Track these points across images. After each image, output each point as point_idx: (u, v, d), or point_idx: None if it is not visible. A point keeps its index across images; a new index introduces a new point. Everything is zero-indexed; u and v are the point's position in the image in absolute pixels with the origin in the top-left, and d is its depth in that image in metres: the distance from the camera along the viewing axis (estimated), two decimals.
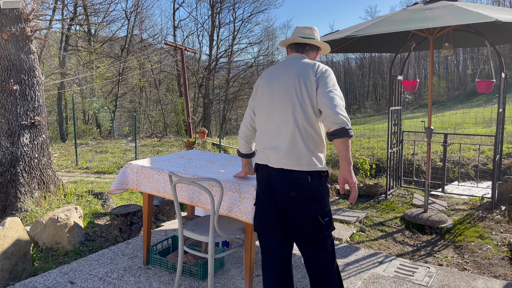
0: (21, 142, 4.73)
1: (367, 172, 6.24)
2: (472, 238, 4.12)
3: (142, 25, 26.74)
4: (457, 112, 20.01)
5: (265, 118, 2.18)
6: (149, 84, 27.31)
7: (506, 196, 5.01)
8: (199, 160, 3.36)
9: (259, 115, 2.23)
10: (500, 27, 4.64)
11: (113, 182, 3.23)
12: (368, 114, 37.47)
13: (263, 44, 29.53)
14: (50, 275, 3.10)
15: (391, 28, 3.85)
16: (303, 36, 2.26)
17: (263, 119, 2.20)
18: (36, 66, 4.96)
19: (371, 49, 6.14)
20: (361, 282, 3.06)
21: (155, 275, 3.11)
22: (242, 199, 2.59)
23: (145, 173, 3.12)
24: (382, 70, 46.26)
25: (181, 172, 2.92)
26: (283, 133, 2.10)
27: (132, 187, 3.20)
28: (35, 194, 4.77)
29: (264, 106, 2.20)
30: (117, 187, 3.19)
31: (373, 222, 4.71)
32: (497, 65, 5.70)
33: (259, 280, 3.05)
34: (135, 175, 3.19)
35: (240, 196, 2.60)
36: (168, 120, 27.08)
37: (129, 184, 3.21)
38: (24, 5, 4.78)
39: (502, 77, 4.71)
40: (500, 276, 3.34)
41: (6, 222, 3.15)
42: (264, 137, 2.19)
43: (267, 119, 2.17)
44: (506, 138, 8.74)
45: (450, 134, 5.97)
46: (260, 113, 2.22)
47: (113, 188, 3.20)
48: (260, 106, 2.22)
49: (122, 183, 3.20)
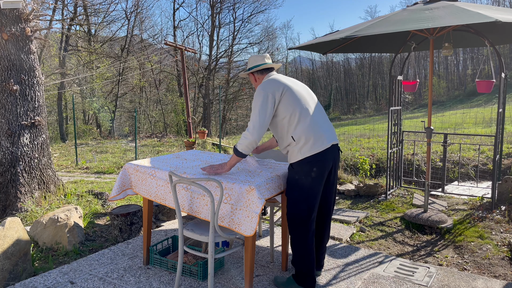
0: (21, 142, 4.73)
1: (367, 172, 6.24)
2: (472, 238, 4.12)
3: (142, 25, 26.78)
4: (457, 112, 20.01)
5: (310, 109, 2.75)
6: (149, 84, 27.32)
7: (506, 196, 5.01)
8: (193, 161, 3.35)
9: (302, 108, 2.72)
10: (500, 27, 4.64)
11: (113, 188, 3.21)
12: (368, 114, 37.47)
13: (263, 44, 29.59)
14: (50, 275, 3.10)
15: (391, 28, 3.85)
16: (266, 62, 2.92)
17: (308, 110, 2.74)
18: (36, 66, 4.96)
19: (371, 49, 6.14)
20: (361, 282, 3.06)
21: (155, 275, 3.11)
22: (235, 209, 2.59)
23: (139, 175, 3.12)
24: (382, 70, 46.26)
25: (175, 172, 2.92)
26: (326, 118, 2.86)
27: (131, 188, 3.20)
28: (35, 194, 4.78)
29: (305, 101, 2.77)
30: (118, 191, 3.17)
31: (373, 222, 4.71)
32: (497, 65, 5.70)
33: (259, 280, 3.05)
34: (131, 177, 3.18)
35: (234, 207, 2.60)
36: (168, 120, 27.09)
37: (126, 185, 3.20)
38: (24, 5, 4.78)
39: (502, 77, 4.71)
40: (500, 276, 3.34)
41: (6, 222, 3.15)
42: (319, 123, 2.75)
43: (312, 110, 2.76)
44: (506, 138, 8.74)
45: (450, 134, 5.97)
46: (302, 106, 2.73)
47: (114, 194, 3.17)
48: (301, 101, 2.74)
49: (121, 186, 3.18)
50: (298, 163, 2.72)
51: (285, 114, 2.71)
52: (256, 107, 2.67)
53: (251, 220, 2.53)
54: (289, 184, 2.80)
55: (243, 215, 2.56)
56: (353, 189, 5.85)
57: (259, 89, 2.71)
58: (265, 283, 3.01)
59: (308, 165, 2.70)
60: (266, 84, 2.73)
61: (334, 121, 31.62)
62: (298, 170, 2.73)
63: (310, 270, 2.82)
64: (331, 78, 50.17)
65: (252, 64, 2.90)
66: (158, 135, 18.00)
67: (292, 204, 2.78)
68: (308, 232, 2.78)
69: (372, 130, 14.50)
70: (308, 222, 2.77)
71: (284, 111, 2.70)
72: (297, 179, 2.74)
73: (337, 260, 3.46)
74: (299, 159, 2.70)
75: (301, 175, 2.72)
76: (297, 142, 2.70)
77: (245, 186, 2.58)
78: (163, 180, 2.96)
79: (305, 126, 2.69)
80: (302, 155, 2.69)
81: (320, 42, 4.66)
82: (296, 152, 2.71)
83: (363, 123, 22.64)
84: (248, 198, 2.57)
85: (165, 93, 28.00)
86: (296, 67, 51.89)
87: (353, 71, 50.49)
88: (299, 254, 2.81)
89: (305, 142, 2.68)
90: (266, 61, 2.89)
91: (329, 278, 3.12)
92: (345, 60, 50.12)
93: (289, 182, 2.81)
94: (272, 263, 3.37)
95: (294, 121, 2.70)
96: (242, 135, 2.71)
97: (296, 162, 2.72)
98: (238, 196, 2.61)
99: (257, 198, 2.53)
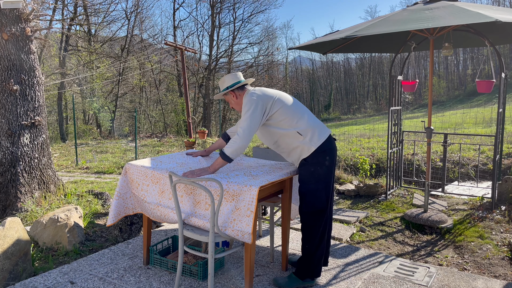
0: (21, 142, 4.73)
1: (367, 172, 6.24)
2: (472, 238, 4.12)
3: (142, 25, 26.76)
4: (457, 112, 20.01)
5: (303, 109, 2.93)
6: (149, 84, 27.30)
7: (506, 196, 5.01)
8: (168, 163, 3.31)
9: (297, 108, 2.89)
10: (500, 27, 4.63)
11: (109, 216, 3.13)
12: (368, 114, 37.47)
13: (263, 44, 29.56)
14: (50, 275, 3.10)
15: (391, 28, 3.85)
16: (242, 79, 3.05)
17: (296, 109, 2.88)
18: (36, 66, 4.96)
19: (371, 49, 6.14)
20: (361, 282, 3.06)
21: (155, 275, 3.11)
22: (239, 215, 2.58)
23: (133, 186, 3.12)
24: (382, 70, 46.27)
25: None
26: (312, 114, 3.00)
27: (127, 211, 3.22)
28: (35, 194, 4.78)
29: (296, 103, 2.95)
30: (114, 219, 3.12)
31: (373, 222, 4.71)
32: (497, 65, 5.70)
33: (259, 280, 3.05)
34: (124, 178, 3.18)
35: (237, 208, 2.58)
36: (168, 120, 27.08)
37: (121, 214, 3.17)
38: (24, 5, 4.78)
39: (502, 77, 4.71)
40: (500, 276, 3.34)
41: (6, 222, 3.15)
42: (314, 117, 2.93)
43: (304, 109, 2.93)
44: (506, 138, 8.74)
45: (450, 134, 5.97)
46: (297, 107, 2.91)
47: (110, 222, 3.12)
48: (292, 104, 2.91)
49: (117, 215, 3.14)
50: (312, 155, 2.81)
51: (282, 116, 2.83)
52: (247, 112, 2.75)
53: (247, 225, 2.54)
54: (305, 177, 2.86)
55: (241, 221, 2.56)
56: (353, 189, 5.85)
57: (250, 97, 2.80)
58: (265, 283, 3.01)
59: (322, 155, 2.82)
60: (255, 93, 2.83)
61: (334, 121, 31.63)
62: (313, 161, 2.82)
63: (320, 262, 2.95)
64: (331, 78, 50.19)
65: (231, 82, 2.96)
66: (158, 135, 18.01)
67: (311, 196, 2.84)
68: (326, 223, 2.91)
69: (372, 130, 14.50)
70: (326, 212, 2.89)
71: (281, 114, 2.83)
72: (312, 171, 2.82)
73: (337, 260, 3.46)
74: (312, 150, 2.80)
75: (317, 166, 2.82)
76: (305, 135, 2.81)
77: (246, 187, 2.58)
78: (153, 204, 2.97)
79: (305, 120, 2.86)
80: (314, 145, 2.80)
81: (320, 42, 4.66)
82: (307, 145, 2.80)
83: (363, 123, 22.63)
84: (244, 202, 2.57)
85: (165, 93, 27.99)
86: (296, 67, 51.92)
87: (353, 71, 50.51)
88: (314, 247, 2.88)
89: (312, 133, 2.82)
90: (242, 78, 3.02)
91: (329, 278, 3.12)
92: (345, 60, 50.17)
93: (304, 176, 2.86)
94: (272, 263, 3.37)
95: (294, 119, 2.83)
96: (230, 141, 2.78)
97: (310, 155, 2.81)
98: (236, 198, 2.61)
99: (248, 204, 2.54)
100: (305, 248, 2.91)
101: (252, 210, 2.51)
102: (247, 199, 2.55)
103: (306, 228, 2.89)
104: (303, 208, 2.88)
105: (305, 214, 2.87)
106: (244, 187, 2.57)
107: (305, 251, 2.92)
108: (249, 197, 2.54)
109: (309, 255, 2.90)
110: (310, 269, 2.92)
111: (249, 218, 2.52)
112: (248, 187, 2.55)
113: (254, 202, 2.51)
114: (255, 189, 2.52)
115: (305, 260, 2.92)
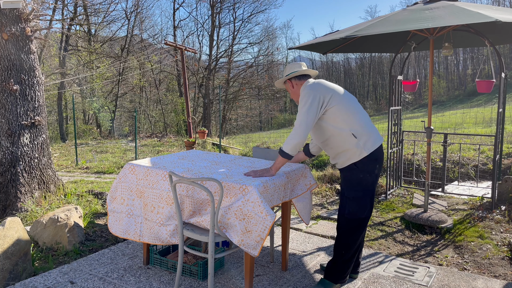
0: (21, 142, 4.73)
1: None
2: (472, 238, 4.12)
3: (142, 25, 26.77)
4: (457, 112, 20.01)
5: (359, 108, 2.80)
6: (149, 84, 27.31)
7: (506, 196, 5.01)
8: (200, 161, 3.36)
9: (349, 108, 2.74)
10: (500, 27, 4.63)
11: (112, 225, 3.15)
12: (368, 114, 37.47)
13: (263, 44, 29.57)
14: (50, 275, 3.10)
15: (391, 28, 3.84)
16: (303, 68, 2.96)
17: (355, 109, 2.76)
18: (36, 66, 4.96)
19: (371, 49, 6.14)
20: (361, 282, 3.06)
21: (155, 275, 3.11)
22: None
23: None
24: (382, 70, 46.29)
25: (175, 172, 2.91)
26: (368, 118, 2.87)
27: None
28: (35, 194, 4.78)
29: (354, 102, 2.82)
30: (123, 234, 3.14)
31: (373, 222, 4.71)
32: (497, 65, 5.70)
33: (259, 280, 3.05)
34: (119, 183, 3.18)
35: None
36: (168, 120, 27.08)
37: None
38: (24, 5, 4.78)
39: (502, 77, 4.71)
40: (500, 276, 3.34)
41: (6, 222, 3.15)
42: (369, 121, 2.83)
43: (360, 109, 2.80)
44: (506, 138, 8.73)
45: (450, 134, 5.97)
46: (354, 106, 2.78)
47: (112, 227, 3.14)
48: (351, 102, 2.78)
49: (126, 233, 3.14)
50: (363, 161, 2.71)
51: (339, 113, 2.71)
52: (304, 106, 2.65)
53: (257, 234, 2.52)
54: (351, 183, 2.79)
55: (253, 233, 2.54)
56: None
57: (308, 90, 2.70)
58: (265, 283, 3.01)
59: (373, 163, 2.74)
60: (314, 85, 2.74)
61: None
62: (363, 168, 2.73)
63: (350, 266, 2.93)
64: (331, 78, 50.20)
65: (290, 71, 2.90)
66: (158, 135, 18.00)
67: (356, 203, 2.78)
68: (364, 231, 2.88)
69: None
70: (367, 220, 2.86)
71: (338, 110, 2.70)
72: (361, 178, 2.75)
73: None
74: (363, 156, 2.70)
75: (366, 173, 2.74)
76: (359, 138, 2.70)
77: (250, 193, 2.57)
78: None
79: (362, 122, 2.74)
80: (367, 151, 2.70)
81: (320, 42, 4.66)
82: (360, 149, 2.70)
83: None
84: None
85: (165, 93, 27.99)
86: None
87: (353, 71, 50.53)
88: (350, 254, 2.84)
89: (367, 137, 2.72)
90: (303, 68, 2.94)
91: None
92: (345, 60, 50.18)
93: (352, 181, 2.79)
94: (272, 263, 3.37)
95: (350, 119, 2.71)
96: (288, 137, 2.68)
97: (360, 160, 2.71)
98: None
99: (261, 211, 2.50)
100: (341, 254, 2.84)
101: (263, 238, 2.48)
102: (259, 227, 2.48)
103: (344, 234, 2.83)
104: (345, 214, 2.82)
105: (347, 220, 2.82)
106: (260, 213, 2.48)
107: (340, 256, 2.85)
108: (262, 226, 2.48)
109: (345, 261, 2.85)
110: (345, 274, 2.89)
111: (258, 244, 2.51)
112: (264, 216, 2.47)
113: (266, 231, 2.47)
114: (270, 219, 2.45)
115: (339, 265, 2.87)
